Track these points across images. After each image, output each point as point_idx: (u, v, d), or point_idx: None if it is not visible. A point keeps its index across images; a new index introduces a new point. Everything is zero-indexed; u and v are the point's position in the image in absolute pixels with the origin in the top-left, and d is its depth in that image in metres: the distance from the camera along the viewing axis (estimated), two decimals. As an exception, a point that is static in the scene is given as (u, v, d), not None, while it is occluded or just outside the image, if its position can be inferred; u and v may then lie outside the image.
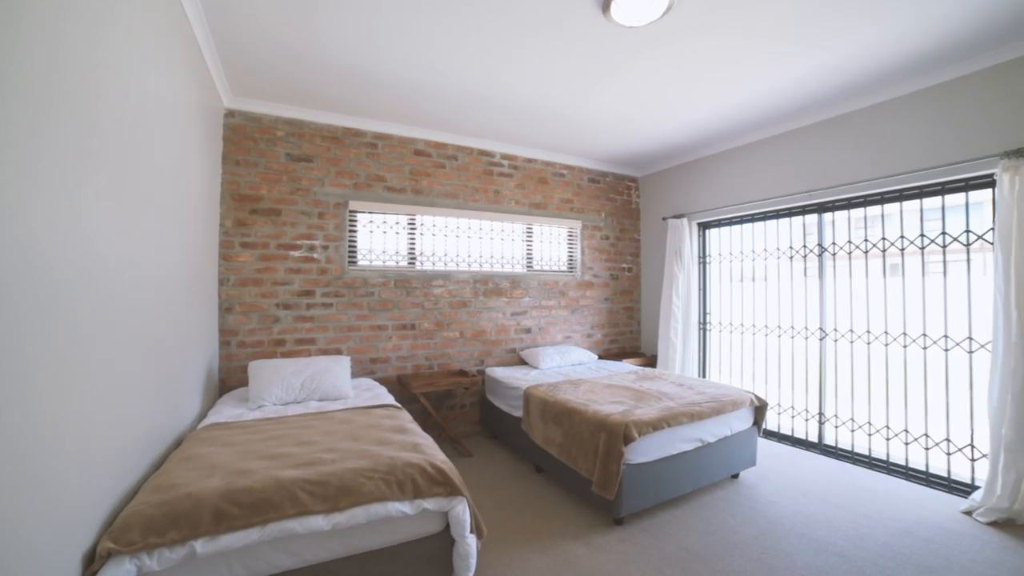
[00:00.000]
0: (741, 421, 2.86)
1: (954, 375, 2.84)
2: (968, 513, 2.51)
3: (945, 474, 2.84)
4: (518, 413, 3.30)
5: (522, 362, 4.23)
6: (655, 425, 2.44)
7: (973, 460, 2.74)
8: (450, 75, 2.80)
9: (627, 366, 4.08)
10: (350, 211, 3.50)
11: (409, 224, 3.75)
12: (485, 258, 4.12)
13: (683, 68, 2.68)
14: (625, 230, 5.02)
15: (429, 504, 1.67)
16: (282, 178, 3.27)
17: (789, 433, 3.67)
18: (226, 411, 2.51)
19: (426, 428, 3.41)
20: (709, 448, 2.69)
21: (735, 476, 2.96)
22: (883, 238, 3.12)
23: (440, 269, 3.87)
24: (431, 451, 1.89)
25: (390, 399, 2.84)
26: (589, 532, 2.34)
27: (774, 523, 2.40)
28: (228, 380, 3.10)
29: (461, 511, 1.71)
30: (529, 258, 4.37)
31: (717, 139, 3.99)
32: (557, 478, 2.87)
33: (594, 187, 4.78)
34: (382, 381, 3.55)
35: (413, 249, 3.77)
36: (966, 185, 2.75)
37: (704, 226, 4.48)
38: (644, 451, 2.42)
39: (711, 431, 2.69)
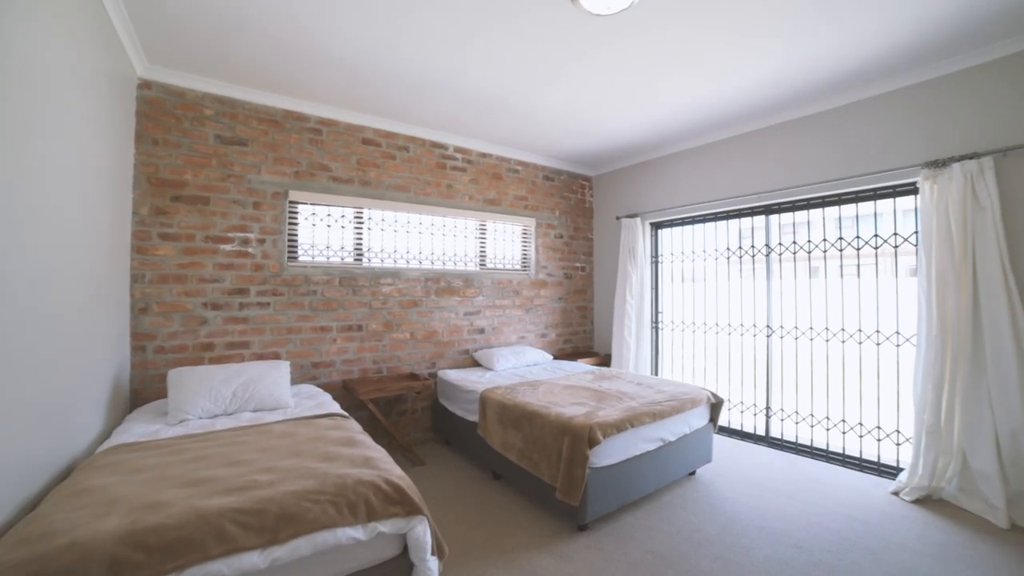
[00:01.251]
0: (699, 418, 2.90)
1: (884, 367, 3.06)
2: (896, 493, 2.71)
3: (876, 459, 3.05)
4: (473, 417, 3.16)
5: (476, 364, 4.09)
6: (619, 426, 2.39)
7: (898, 444, 2.97)
8: (403, 57, 2.60)
9: (583, 366, 4.05)
10: (290, 202, 3.18)
11: (356, 218, 3.49)
12: (437, 255, 3.93)
13: (647, 61, 2.66)
14: (579, 229, 5.03)
15: (385, 527, 1.49)
16: (211, 162, 2.90)
17: (738, 427, 3.80)
18: (138, 428, 2.15)
19: (375, 437, 3.18)
20: (670, 447, 2.69)
21: (692, 473, 3.00)
22: (824, 239, 3.31)
23: (389, 266, 3.63)
24: (385, 465, 1.70)
25: (336, 407, 2.59)
26: (553, 541, 2.25)
27: (733, 518, 2.43)
28: (143, 391, 2.70)
29: (421, 532, 1.54)
30: (483, 256, 4.23)
31: (671, 140, 4.07)
32: (517, 485, 2.76)
33: (548, 185, 4.73)
34: (326, 387, 3.26)
35: (360, 245, 3.50)
36: (893, 192, 2.97)
37: (656, 226, 4.57)
38: (608, 453, 2.36)
39: (672, 430, 2.69)
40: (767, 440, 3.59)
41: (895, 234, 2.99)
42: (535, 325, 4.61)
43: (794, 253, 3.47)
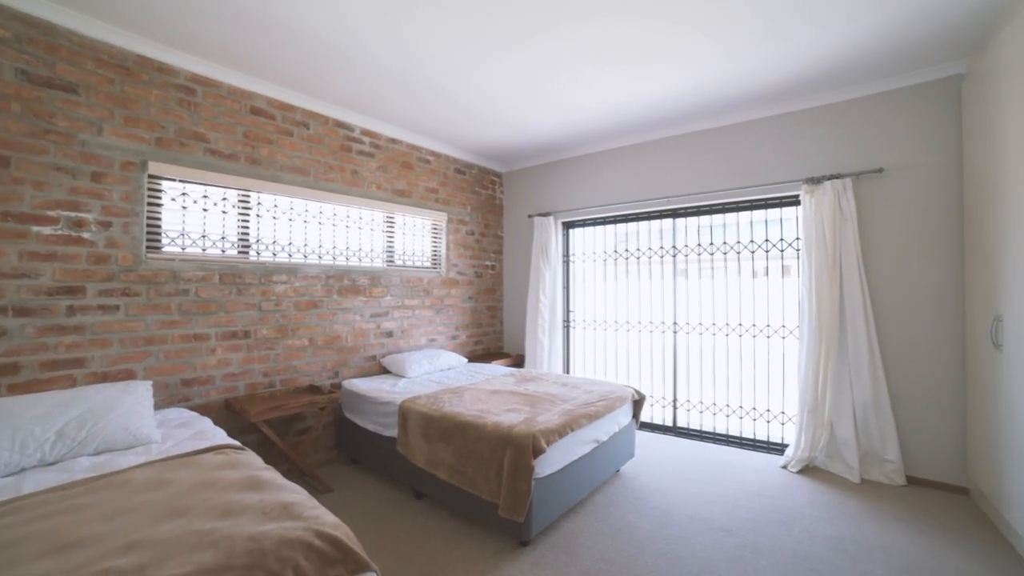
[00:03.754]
0: (625, 416, 2.96)
1: (773, 357, 3.48)
2: (784, 467, 3.09)
3: (766, 438, 3.46)
4: (389, 432, 2.82)
5: (384, 371, 3.70)
6: (560, 432, 2.29)
7: (783, 424, 3.41)
8: (324, 8, 2.16)
9: (500, 368, 3.92)
10: (151, 176, 2.46)
11: (241, 202, 2.86)
12: (340, 250, 3.45)
13: (584, 54, 2.58)
14: (489, 226, 4.89)
15: (323, 596, 1.15)
16: (10, 106, 2.06)
17: (648, 420, 4.02)
18: None
19: (271, 465, 2.63)
20: (602, 447, 2.68)
21: (616, 470, 3.05)
22: (724, 242, 3.65)
23: (283, 261, 3.07)
24: (312, 512, 1.34)
25: (222, 435, 2.06)
26: (498, 562, 2.06)
27: (665, 511, 2.50)
28: None
29: (370, 592, 1.24)
30: (390, 252, 3.84)
31: (587, 140, 4.12)
32: (446, 503, 2.51)
33: (460, 178, 4.51)
34: (203, 410, 2.60)
35: (247, 234, 2.88)
36: (780, 202, 3.39)
37: (568, 225, 4.64)
38: (550, 462, 2.24)
39: (604, 429, 2.69)
40: (675, 430, 3.86)
41: (781, 239, 3.41)
42: (446, 326, 4.35)
43: (699, 255, 3.78)
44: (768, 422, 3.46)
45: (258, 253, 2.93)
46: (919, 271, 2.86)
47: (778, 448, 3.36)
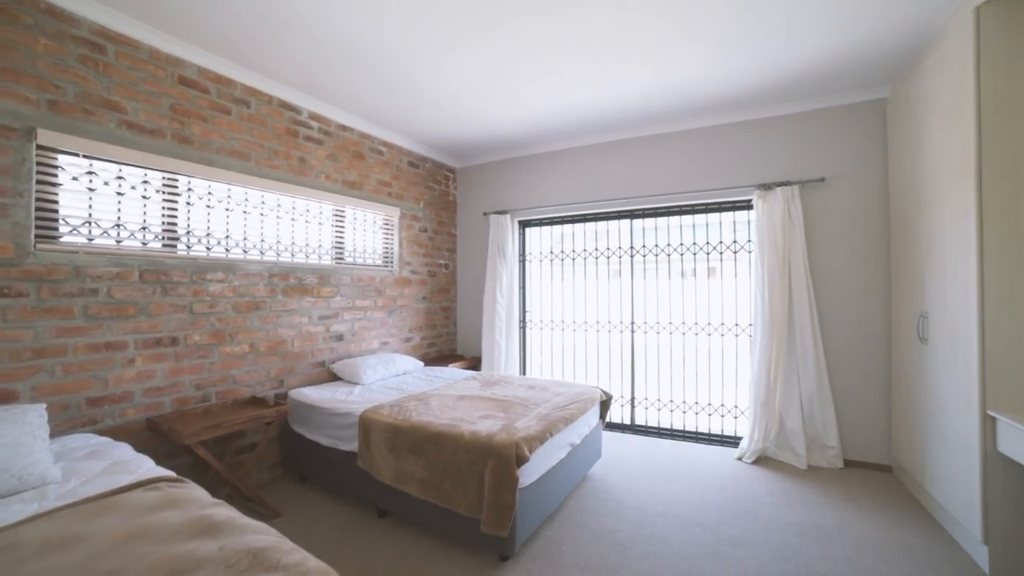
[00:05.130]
0: (594, 417, 2.93)
1: (727, 354, 3.63)
2: (739, 458, 3.24)
3: (720, 432, 3.62)
4: (347, 446, 2.57)
5: (335, 377, 3.39)
6: (541, 438, 2.20)
7: (736, 418, 3.58)
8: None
9: (460, 371, 3.75)
10: (41, 147, 1.99)
11: (168, 186, 2.43)
12: (285, 245, 3.09)
13: (557, 48, 2.51)
14: (442, 223, 4.69)
15: (315, 662, 0.95)
16: None
17: (606, 419, 4.04)
18: None
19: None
20: (576, 450, 2.63)
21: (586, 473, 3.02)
22: (681, 243, 3.77)
23: (219, 257, 2.68)
24: (290, 556, 1.12)
25: (148, 464, 1.71)
26: (481, 582, 1.92)
27: (640, 511, 2.50)
28: None
29: (368, 647, 1.05)
30: (340, 248, 3.53)
31: (546, 138, 4.06)
32: (414, 521, 2.33)
33: (413, 172, 4.27)
34: (118, 433, 2.17)
35: (174, 225, 2.47)
36: (733, 206, 3.55)
37: (524, 224, 4.57)
38: (531, 471, 2.14)
39: (578, 432, 2.64)
40: (633, 428, 3.92)
41: (735, 241, 3.58)
42: (399, 328, 4.10)
43: (655, 256, 3.87)
44: (722, 416, 3.62)
45: (188, 247, 2.52)
46: (856, 273, 3.12)
47: (732, 441, 3.52)
